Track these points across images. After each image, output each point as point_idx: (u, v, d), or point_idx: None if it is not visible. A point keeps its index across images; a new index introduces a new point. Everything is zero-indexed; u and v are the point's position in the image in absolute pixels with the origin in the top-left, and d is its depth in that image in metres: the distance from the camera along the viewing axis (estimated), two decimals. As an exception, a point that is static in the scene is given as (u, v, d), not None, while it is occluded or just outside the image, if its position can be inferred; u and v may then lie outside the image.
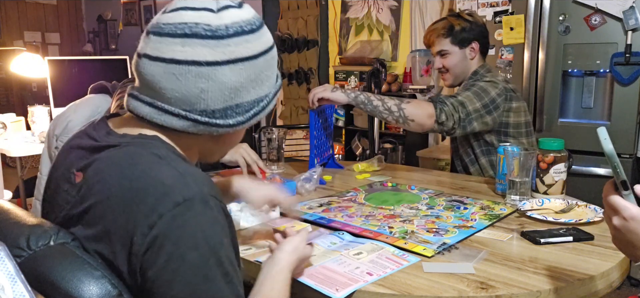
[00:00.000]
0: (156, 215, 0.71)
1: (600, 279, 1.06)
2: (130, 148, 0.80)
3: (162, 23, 0.80)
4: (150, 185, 0.74)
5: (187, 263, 0.71)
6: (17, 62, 3.53)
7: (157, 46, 0.79)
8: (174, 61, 0.78)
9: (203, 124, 0.82)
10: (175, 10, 0.80)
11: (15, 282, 0.68)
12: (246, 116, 0.85)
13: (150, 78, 0.80)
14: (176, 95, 0.79)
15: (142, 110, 0.82)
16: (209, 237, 0.73)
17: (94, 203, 0.77)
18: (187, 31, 0.78)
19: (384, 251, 1.15)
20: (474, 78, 1.98)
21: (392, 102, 1.81)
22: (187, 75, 0.78)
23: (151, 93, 0.81)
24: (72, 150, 0.88)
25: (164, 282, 0.71)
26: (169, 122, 0.81)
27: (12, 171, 4.16)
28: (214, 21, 0.79)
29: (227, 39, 0.79)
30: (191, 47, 0.78)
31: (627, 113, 2.58)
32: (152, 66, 0.79)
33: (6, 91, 6.42)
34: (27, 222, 0.81)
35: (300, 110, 4.89)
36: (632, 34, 2.50)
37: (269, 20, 4.99)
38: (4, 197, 2.80)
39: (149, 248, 0.71)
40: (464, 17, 1.99)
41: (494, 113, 1.85)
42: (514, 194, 1.54)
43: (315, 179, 1.74)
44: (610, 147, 0.83)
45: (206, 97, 0.80)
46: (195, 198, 0.74)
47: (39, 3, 6.87)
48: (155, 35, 0.80)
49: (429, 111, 1.79)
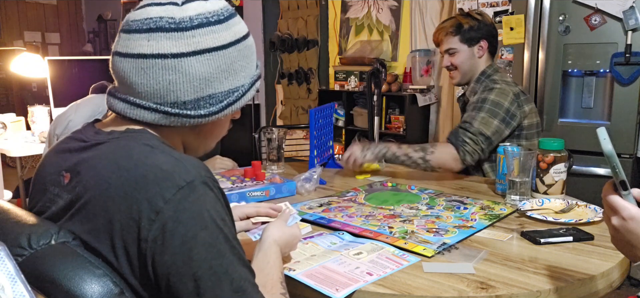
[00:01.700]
0: (161, 200, 0.73)
1: (600, 279, 1.06)
2: (121, 141, 0.82)
3: (130, 20, 0.82)
4: (149, 171, 0.75)
5: (200, 242, 0.74)
6: (17, 62, 3.53)
7: (125, 43, 0.82)
8: (140, 56, 0.80)
9: (174, 115, 0.83)
10: (142, 7, 0.83)
11: (15, 282, 0.68)
12: (219, 106, 0.85)
13: (122, 74, 0.82)
14: (146, 89, 0.81)
15: (117, 106, 0.85)
16: (215, 216, 0.76)
17: (91, 197, 0.77)
18: (152, 25, 0.80)
19: (384, 251, 1.15)
20: (482, 82, 1.97)
21: (416, 155, 1.84)
22: (154, 68, 0.80)
23: (124, 89, 0.84)
24: (58, 154, 0.88)
25: (182, 264, 0.73)
26: (141, 115, 0.83)
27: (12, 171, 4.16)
28: (177, 14, 0.81)
29: (191, 31, 0.81)
30: (156, 41, 0.80)
31: (627, 113, 2.58)
32: (122, 62, 0.82)
33: (6, 91, 6.43)
34: (28, 221, 0.81)
35: (300, 110, 4.89)
36: (632, 34, 2.50)
37: (269, 20, 4.99)
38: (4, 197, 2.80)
39: (160, 235, 0.73)
40: (472, 15, 1.99)
41: (512, 123, 1.85)
42: (514, 194, 1.54)
43: (315, 179, 1.74)
44: (610, 147, 0.83)
45: (175, 89, 0.81)
46: (196, 181, 0.76)
47: (39, 3, 6.87)
48: (124, 32, 0.83)
49: (452, 155, 1.80)
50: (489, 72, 1.99)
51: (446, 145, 1.83)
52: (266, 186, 1.65)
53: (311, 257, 1.12)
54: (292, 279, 1.01)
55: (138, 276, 0.76)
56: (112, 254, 0.75)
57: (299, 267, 1.06)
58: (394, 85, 3.89)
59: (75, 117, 2.02)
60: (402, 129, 3.79)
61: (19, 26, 6.69)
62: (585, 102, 2.75)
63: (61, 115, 2.10)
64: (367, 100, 3.28)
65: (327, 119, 2.12)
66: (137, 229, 0.73)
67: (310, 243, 1.21)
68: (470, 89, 2.02)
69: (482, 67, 2.00)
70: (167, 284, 0.74)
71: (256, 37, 5.05)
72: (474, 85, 2.00)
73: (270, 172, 1.94)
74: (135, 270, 0.75)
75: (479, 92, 1.93)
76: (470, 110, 1.89)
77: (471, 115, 1.86)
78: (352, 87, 4.14)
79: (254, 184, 1.69)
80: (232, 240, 0.78)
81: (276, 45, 4.86)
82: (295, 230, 1.06)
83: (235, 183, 1.72)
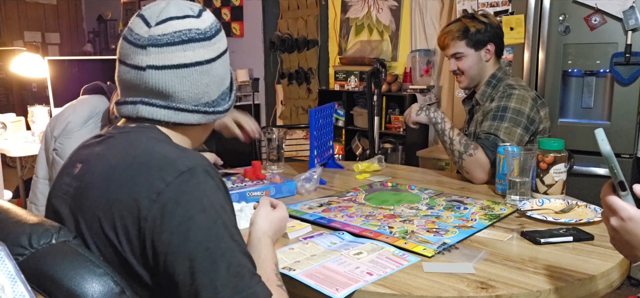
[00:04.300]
0: (162, 183, 0.78)
1: (600, 279, 1.06)
2: (130, 134, 0.89)
3: (157, 35, 0.88)
4: (154, 158, 0.82)
5: (197, 224, 0.77)
6: (17, 62, 3.52)
7: (160, 56, 0.88)
8: (181, 66, 0.89)
9: (210, 113, 0.95)
10: (163, 22, 0.89)
11: (15, 281, 0.68)
12: (231, 96, 1.00)
13: (162, 85, 0.89)
14: (188, 95, 0.91)
15: (158, 114, 0.91)
16: (214, 201, 0.81)
17: (97, 180, 0.83)
18: (183, 38, 0.89)
19: (384, 251, 1.15)
20: (495, 86, 1.95)
21: (458, 147, 1.81)
22: (193, 75, 0.90)
23: (163, 97, 0.91)
24: (78, 150, 0.96)
25: (178, 244, 0.76)
26: (186, 118, 0.92)
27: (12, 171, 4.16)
28: (201, 25, 0.92)
29: (213, 38, 0.93)
30: (192, 51, 0.90)
31: (627, 113, 2.58)
32: (160, 74, 0.89)
33: (6, 91, 6.42)
34: (28, 220, 0.82)
35: (300, 110, 4.89)
36: (632, 34, 2.50)
37: (269, 20, 4.99)
38: (4, 197, 2.80)
39: (160, 215, 0.77)
40: (478, 18, 1.95)
41: (531, 128, 1.83)
42: (514, 194, 1.54)
43: (315, 179, 1.74)
44: (608, 148, 0.83)
45: (209, 90, 0.93)
46: (197, 167, 0.82)
47: (39, 3, 6.87)
48: (153, 47, 0.88)
49: (485, 170, 1.77)
50: (500, 75, 1.96)
51: (483, 156, 1.77)
52: (266, 186, 1.65)
53: (311, 256, 1.12)
54: (292, 279, 1.01)
55: (138, 256, 0.79)
56: (113, 233, 0.79)
57: (299, 266, 1.06)
58: (394, 85, 3.89)
59: (74, 118, 2.00)
60: (402, 128, 3.79)
61: (19, 26, 6.68)
62: (585, 102, 2.75)
63: (58, 116, 2.06)
64: (367, 100, 3.28)
65: (327, 119, 2.11)
66: (138, 209, 0.77)
67: (310, 243, 1.21)
68: (481, 93, 1.98)
69: (491, 70, 1.97)
70: (164, 263, 0.77)
71: (256, 37, 5.06)
72: (486, 88, 1.97)
73: (270, 172, 1.94)
74: (136, 250, 0.79)
75: (496, 99, 1.88)
76: (490, 118, 1.84)
77: (494, 125, 1.81)
78: (352, 87, 4.14)
79: (254, 184, 1.69)
80: (231, 228, 0.81)
81: (276, 45, 4.86)
82: (281, 212, 1.08)
83: (235, 184, 1.72)
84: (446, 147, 1.85)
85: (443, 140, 1.86)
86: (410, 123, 1.96)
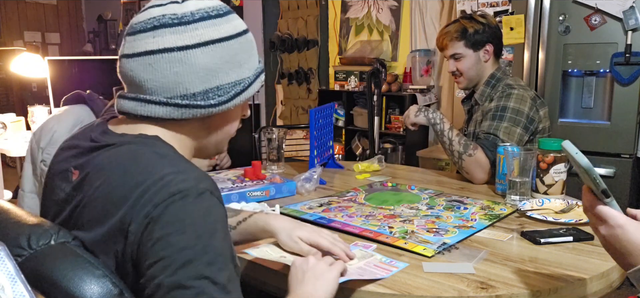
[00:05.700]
0: (151, 206, 0.74)
1: (600, 279, 1.06)
2: (132, 146, 0.84)
3: (134, 23, 0.85)
4: (151, 179, 0.76)
5: (172, 247, 0.72)
6: (17, 62, 3.52)
7: (131, 44, 0.85)
8: (147, 52, 0.83)
9: (184, 107, 0.85)
10: (145, 10, 0.86)
11: (15, 282, 0.68)
12: (227, 96, 0.88)
13: (131, 74, 0.85)
14: (155, 84, 0.84)
15: (126, 105, 0.87)
16: (198, 226, 0.74)
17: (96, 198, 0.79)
18: (155, 23, 0.83)
19: (372, 259, 1.12)
20: (494, 86, 1.95)
21: (457, 147, 1.80)
22: (161, 63, 0.83)
23: (133, 88, 0.86)
24: (69, 150, 0.91)
25: (151, 264, 0.73)
26: (152, 111, 0.85)
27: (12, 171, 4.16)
28: (179, 10, 0.84)
29: (193, 24, 0.84)
30: (161, 37, 0.83)
31: (627, 113, 2.58)
32: (129, 63, 0.85)
33: (6, 91, 6.42)
34: (28, 221, 0.82)
35: (300, 110, 4.89)
36: (632, 34, 2.50)
37: (269, 20, 4.99)
38: (4, 197, 2.80)
39: (140, 233, 0.74)
40: (476, 18, 1.96)
41: (531, 128, 1.83)
42: (514, 194, 1.54)
43: (315, 179, 1.74)
44: (585, 160, 0.81)
45: (183, 81, 0.84)
46: (190, 191, 0.76)
47: (39, 3, 6.87)
48: (129, 35, 0.85)
49: (485, 170, 1.77)
50: (498, 75, 1.96)
51: (483, 157, 1.77)
52: (266, 186, 1.65)
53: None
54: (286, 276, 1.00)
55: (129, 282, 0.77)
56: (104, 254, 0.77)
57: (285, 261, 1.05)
58: (394, 85, 3.89)
59: (60, 128, 1.92)
60: (402, 129, 3.79)
61: (19, 26, 6.68)
62: (585, 102, 2.75)
63: (42, 127, 1.99)
64: (367, 100, 3.28)
65: (327, 119, 2.11)
66: (127, 232, 0.74)
67: None
68: (480, 93, 1.98)
69: (490, 70, 1.97)
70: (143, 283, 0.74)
71: (256, 37, 4.97)
72: (485, 88, 1.97)
73: (270, 172, 1.94)
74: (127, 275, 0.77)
75: (495, 99, 1.89)
76: (489, 118, 1.84)
77: (493, 125, 1.81)
78: (352, 87, 4.14)
79: (254, 184, 1.69)
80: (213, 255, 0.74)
81: (276, 45, 4.86)
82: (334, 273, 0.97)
83: (236, 184, 1.72)
84: (445, 147, 1.85)
85: (442, 141, 1.86)
86: (409, 124, 1.96)
